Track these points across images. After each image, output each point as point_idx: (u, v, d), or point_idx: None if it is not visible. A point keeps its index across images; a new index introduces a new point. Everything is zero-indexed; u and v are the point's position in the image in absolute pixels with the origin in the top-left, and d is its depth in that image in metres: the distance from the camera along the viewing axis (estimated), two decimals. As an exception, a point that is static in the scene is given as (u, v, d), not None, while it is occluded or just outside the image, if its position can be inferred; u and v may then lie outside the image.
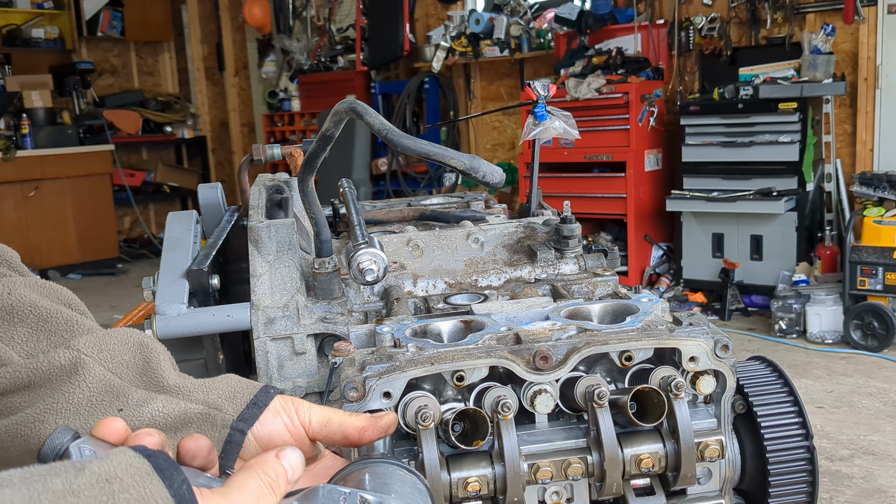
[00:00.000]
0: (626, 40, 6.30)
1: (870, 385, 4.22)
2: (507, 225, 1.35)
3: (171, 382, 0.72)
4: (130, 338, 0.73)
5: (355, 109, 1.03)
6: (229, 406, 0.71)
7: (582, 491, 0.95)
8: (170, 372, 0.72)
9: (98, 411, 0.69)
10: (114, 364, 0.71)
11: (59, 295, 0.79)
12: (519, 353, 0.93)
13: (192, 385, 0.72)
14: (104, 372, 0.70)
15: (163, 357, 0.73)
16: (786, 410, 1.02)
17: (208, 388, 0.72)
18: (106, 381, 0.69)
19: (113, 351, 0.71)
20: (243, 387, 0.72)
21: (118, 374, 0.70)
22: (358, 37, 8.05)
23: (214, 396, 0.71)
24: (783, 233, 5.36)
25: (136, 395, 0.70)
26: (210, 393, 0.71)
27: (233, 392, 0.71)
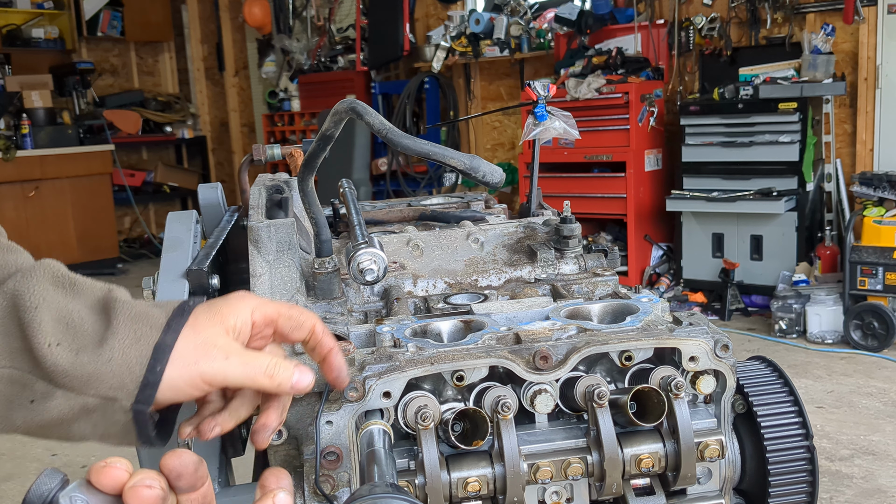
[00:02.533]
0: (626, 40, 6.30)
1: (870, 385, 4.22)
2: (507, 225, 1.35)
3: (55, 378, 0.69)
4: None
5: (355, 109, 1.03)
6: (121, 393, 0.69)
7: (582, 491, 0.95)
8: (52, 363, 0.68)
9: (13, 405, 0.69)
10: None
11: None
12: (519, 352, 0.93)
13: (79, 377, 0.69)
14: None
15: (41, 332, 0.69)
16: (786, 410, 1.02)
17: (98, 373, 0.69)
18: (5, 376, 0.69)
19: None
20: (131, 362, 0.69)
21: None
22: (358, 37, 8.04)
23: (105, 388, 0.69)
24: (783, 233, 5.36)
25: (40, 385, 0.69)
26: (101, 384, 0.69)
27: (121, 378, 0.69)
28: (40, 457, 3.91)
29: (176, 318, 0.72)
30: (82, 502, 0.50)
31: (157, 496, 0.51)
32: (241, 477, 1.51)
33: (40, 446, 4.00)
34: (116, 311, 0.71)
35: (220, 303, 0.76)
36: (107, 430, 0.72)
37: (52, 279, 0.72)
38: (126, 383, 0.69)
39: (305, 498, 0.91)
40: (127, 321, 0.71)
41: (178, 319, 0.72)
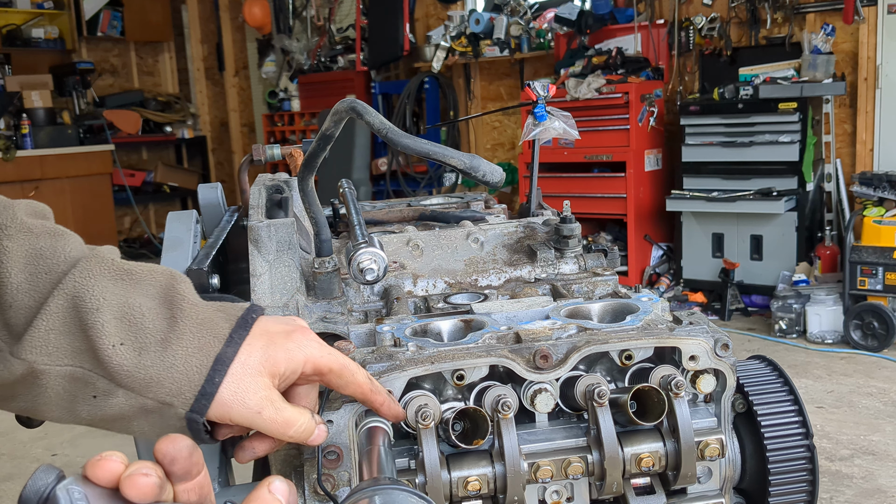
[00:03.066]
0: (626, 40, 6.30)
1: (870, 385, 4.22)
2: (507, 225, 1.35)
3: (118, 378, 0.71)
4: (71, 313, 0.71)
5: (355, 109, 1.03)
6: (178, 401, 0.71)
7: (582, 490, 0.95)
8: (115, 365, 0.70)
9: (77, 400, 0.71)
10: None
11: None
12: (519, 352, 0.93)
13: (141, 379, 0.71)
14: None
15: (104, 334, 0.70)
16: (786, 410, 1.02)
17: (159, 378, 0.71)
18: (69, 374, 0.71)
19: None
20: (192, 372, 0.71)
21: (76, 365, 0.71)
22: (358, 37, 8.04)
23: (164, 393, 0.71)
24: (783, 233, 5.36)
25: (102, 383, 0.71)
26: (161, 388, 0.71)
27: (179, 385, 0.71)
28: (40, 457, 3.91)
29: (238, 331, 0.74)
30: (79, 494, 0.50)
31: (153, 484, 0.51)
32: (241, 477, 1.51)
33: (40, 446, 4.00)
34: (183, 312, 0.73)
35: (279, 338, 0.76)
36: (163, 431, 0.73)
37: (110, 272, 0.73)
38: (184, 391, 0.71)
39: (306, 498, 0.91)
40: (193, 327, 0.72)
41: (240, 332, 0.74)
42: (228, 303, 0.78)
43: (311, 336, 0.78)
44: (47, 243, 0.73)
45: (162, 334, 0.71)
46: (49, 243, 0.73)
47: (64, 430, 4.13)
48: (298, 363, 0.76)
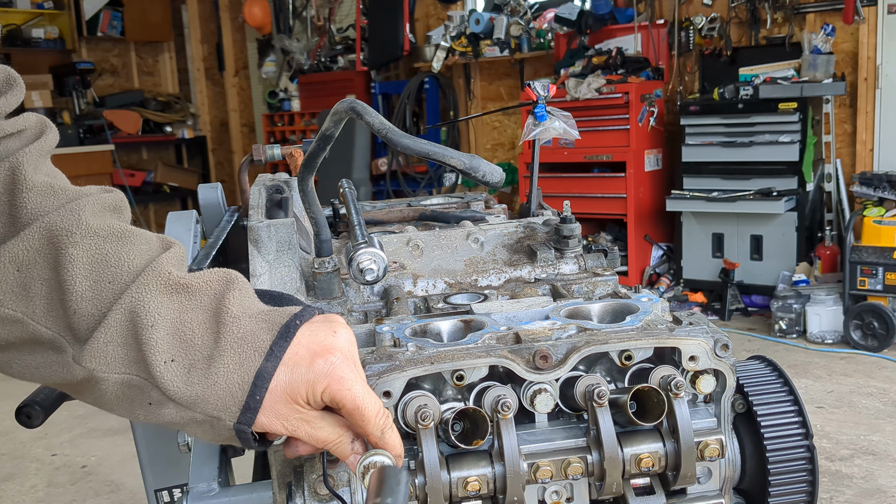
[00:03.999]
0: (626, 40, 6.30)
1: (870, 385, 4.22)
2: (507, 225, 1.35)
3: (168, 393, 0.74)
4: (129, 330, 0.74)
5: (355, 109, 1.03)
6: (225, 415, 0.74)
7: (582, 490, 0.95)
8: (166, 382, 0.73)
9: (134, 403, 0.75)
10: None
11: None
12: (519, 352, 0.93)
13: (189, 395, 0.74)
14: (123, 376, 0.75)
15: (159, 351, 0.73)
16: (786, 410, 1.02)
17: (205, 395, 0.74)
18: (126, 381, 0.74)
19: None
20: (234, 388, 0.74)
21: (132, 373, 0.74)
22: (358, 37, 8.04)
23: (211, 409, 0.74)
24: (783, 233, 5.36)
25: (155, 394, 0.74)
26: (207, 405, 0.74)
27: (224, 401, 0.74)
28: (40, 457, 3.91)
29: (279, 344, 0.75)
30: None
31: None
32: (241, 477, 1.51)
33: (40, 446, 4.00)
34: (226, 327, 0.74)
35: (303, 363, 0.76)
36: (215, 438, 0.77)
37: (166, 287, 0.75)
38: (229, 406, 0.74)
39: (305, 498, 0.91)
40: (233, 342, 0.74)
41: (281, 344, 0.75)
42: (277, 308, 0.78)
43: (336, 361, 0.76)
44: (113, 249, 0.75)
45: (208, 350, 0.74)
46: (114, 249, 0.75)
47: (64, 430, 4.12)
48: (317, 394, 0.76)
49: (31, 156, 0.78)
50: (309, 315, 0.78)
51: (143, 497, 1.68)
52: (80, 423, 4.17)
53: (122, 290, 0.74)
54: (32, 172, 0.76)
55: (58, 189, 0.77)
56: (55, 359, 0.74)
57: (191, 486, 1.20)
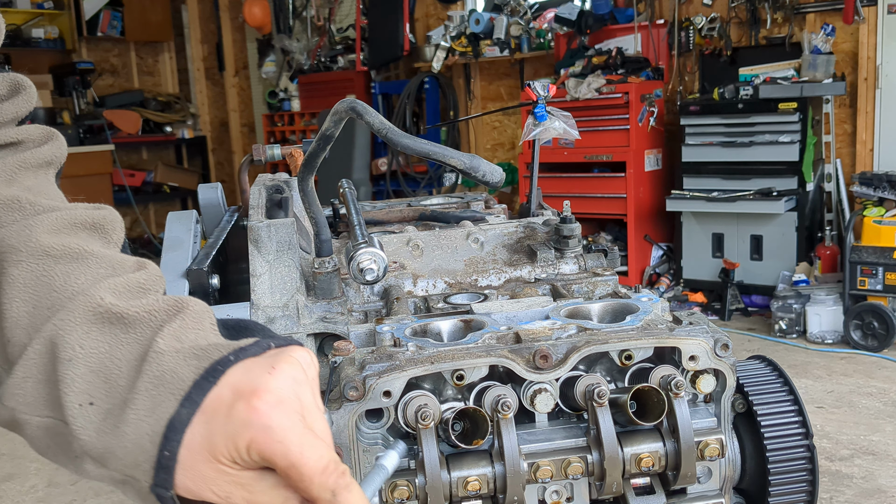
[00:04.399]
0: (626, 40, 6.30)
1: (870, 385, 4.22)
2: (507, 225, 1.35)
3: (80, 444, 0.61)
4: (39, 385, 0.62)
5: (355, 109, 1.04)
6: (138, 473, 0.59)
7: (582, 490, 0.95)
8: (78, 430, 0.60)
9: (65, 454, 0.63)
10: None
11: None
12: (519, 352, 0.93)
13: (99, 447, 0.60)
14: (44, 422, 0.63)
15: (74, 391, 0.60)
16: (786, 410, 1.02)
17: (113, 448, 0.59)
18: (47, 425, 0.63)
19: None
20: (143, 440, 0.58)
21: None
22: (358, 37, 8.05)
23: (122, 465, 0.60)
24: (783, 233, 5.36)
25: (75, 444, 0.62)
26: (117, 461, 0.60)
27: (135, 456, 0.59)
28: (40, 457, 3.91)
29: (200, 385, 0.58)
30: None
31: None
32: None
33: (40, 446, 4.00)
34: (147, 365, 0.60)
35: (221, 411, 0.57)
36: (139, 501, 0.62)
37: (94, 317, 0.62)
38: (140, 462, 0.58)
39: (305, 497, 0.91)
40: (149, 383, 0.59)
41: (202, 385, 0.58)
42: (223, 342, 0.62)
43: (261, 406, 0.56)
44: (62, 271, 0.64)
45: (127, 392, 0.59)
46: (63, 271, 0.64)
47: (64, 430, 4.13)
48: (240, 449, 0.56)
49: (9, 167, 0.70)
50: (257, 350, 0.60)
51: (144, 497, 1.68)
52: (80, 423, 4.17)
53: (49, 316, 0.62)
54: (3, 185, 0.68)
55: (25, 204, 0.68)
56: None
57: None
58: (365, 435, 0.92)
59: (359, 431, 0.91)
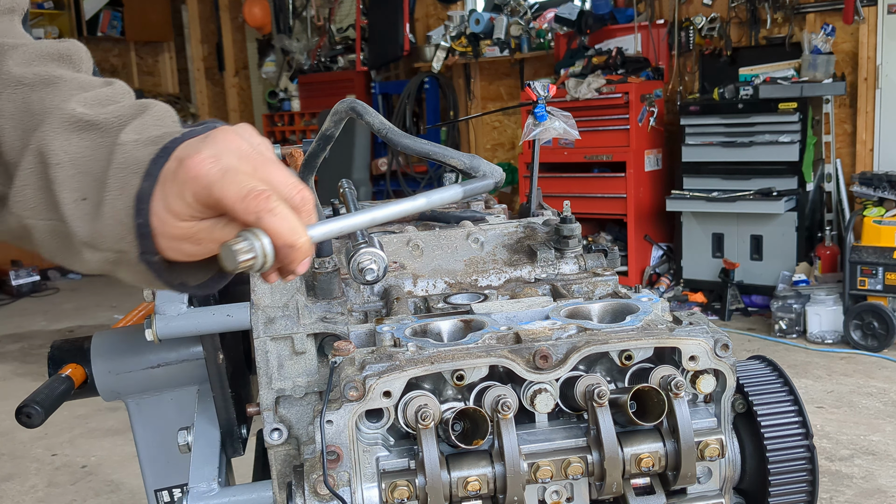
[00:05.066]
0: (626, 40, 6.30)
1: (870, 385, 4.22)
2: (507, 225, 1.35)
3: (77, 235, 0.70)
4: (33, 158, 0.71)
5: (355, 109, 1.03)
6: (126, 246, 0.69)
7: (582, 490, 0.95)
8: (73, 222, 0.70)
9: (68, 252, 0.72)
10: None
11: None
12: (519, 352, 0.93)
13: (92, 232, 0.69)
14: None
15: (66, 189, 0.69)
16: (786, 410, 1.02)
17: (101, 229, 0.69)
18: (51, 228, 0.72)
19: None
20: (121, 216, 0.68)
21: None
22: (358, 37, 8.05)
23: (112, 242, 0.69)
24: (783, 233, 5.36)
25: (74, 238, 0.71)
26: (107, 239, 0.69)
27: (119, 231, 0.69)
28: (40, 457, 3.91)
29: (156, 161, 0.68)
30: None
31: None
32: (241, 477, 1.51)
33: (40, 446, 4.00)
34: (114, 155, 0.69)
35: (170, 174, 0.67)
36: (139, 279, 0.72)
37: (71, 126, 0.71)
38: (124, 235, 0.68)
39: (306, 498, 0.91)
40: (117, 168, 0.69)
41: (158, 162, 0.68)
42: (172, 130, 0.71)
43: (199, 159, 0.66)
44: (38, 96, 0.73)
45: (101, 181, 0.69)
46: (39, 96, 0.73)
47: (64, 430, 4.12)
48: (189, 202, 0.66)
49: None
50: (203, 130, 0.70)
51: (143, 497, 1.68)
52: (80, 423, 4.17)
53: (33, 132, 0.72)
54: None
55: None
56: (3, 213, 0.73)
57: (191, 486, 1.20)
58: (365, 435, 0.92)
59: (359, 431, 0.91)
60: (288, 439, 1.05)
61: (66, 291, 7.72)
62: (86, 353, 1.43)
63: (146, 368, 1.44)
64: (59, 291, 7.74)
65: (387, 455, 0.93)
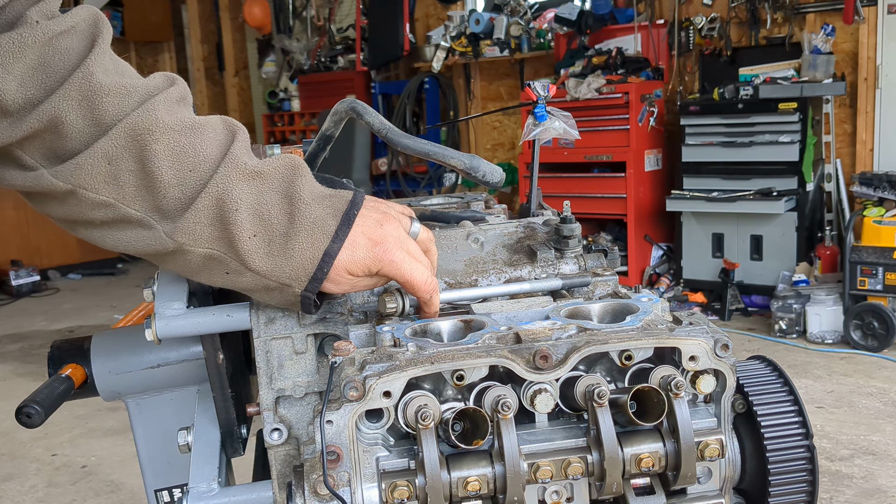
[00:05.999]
0: (626, 40, 6.30)
1: (870, 385, 4.22)
2: (507, 225, 1.34)
3: (248, 264, 0.91)
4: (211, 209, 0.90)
5: (355, 109, 1.04)
6: (295, 283, 0.93)
7: (582, 490, 0.95)
8: (248, 255, 0.91)
9: (213, 272, 0.94)
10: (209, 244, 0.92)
11: None
12: (519, 352, 0.93)
13: (268, 266, 0.91)
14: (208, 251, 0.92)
15: (243, 229, 0.89)
16: (786, 410, 1.02)
17: (282, 266, 0.92)
18: (209, 254, 0.92)
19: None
20: (306, 263, 0.92)
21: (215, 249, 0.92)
22: (358, 37, 8.04)
23: (284, 277, 0.92)
24: (783, 233, 5.37)
25: (234, 265, 0.92)
26: (282, 274, 0.92)
27: (297, 272, 0.92)
28: (40, 457, 3.91)
29: (342, 229, 0.93)
30: None
31: None
32: (241, 477, 1.51)
33: (40, 446, 4.00)
34: (299, 210, 0.91)
35: (365, 245, 0.95)
36: (281, 302, 0.97)
37: (243, 175, 0.90)
38: (300, 276, 0.92)
39: (306, 498, 0.91)
40: (307, 225, 0.91)
41: (343, 230, 0.93)
42: (336, 192, 0.96)
43: (389, 247, 0.96)
44: (188, 141, 0.89)
45: (284, 228, 0.91)
46: (189, 141, 0.89)
47: (64, 430, 4.13)
48: (372, 271, 0.96)
49: (97, 57, 0.86)
50: (361, 201, 0.97)
51: (143, 497, 1.68)
52: (80, 423, 4.17)
53: (206, 177, 0.89)
54: (103, 75, 0.86)
55: (130, 88, 0.88)
56: (145, 234, 0.90)
57: (191, 486, 1.20)
58: (365, 435, 0.92)
59: (359, 431, 0.91)
60: (288, 439, 1.05)
61: (66, 291, 7.72)
62: (86, 353, 1.43)
63: (146, 368, 1.44)
64: (59, 291, 7.74)
65: (387, 455, 0.93)
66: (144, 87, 0.89)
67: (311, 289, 0.93)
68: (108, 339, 1.47)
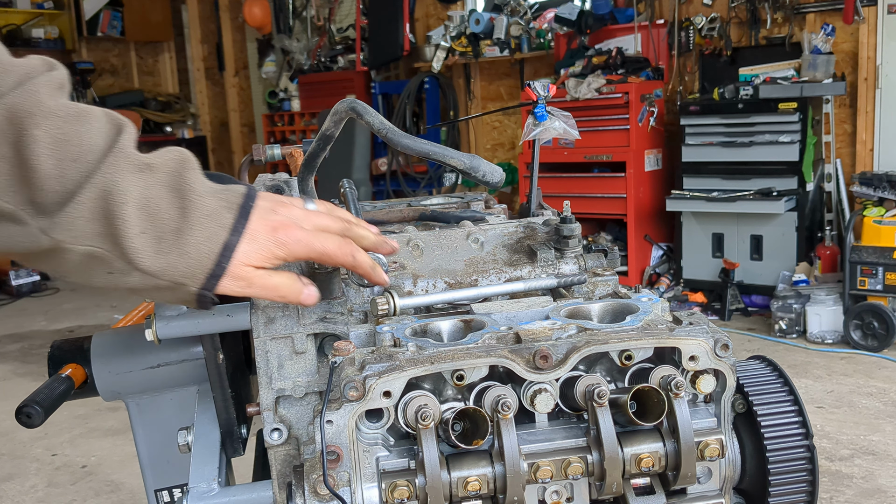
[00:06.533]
0: (626, 40, 6.30)
1: (870, 385, 4.22)
2: (507, 225, 1.34)
3: (136, 263, 0.82)
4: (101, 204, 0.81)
5: (355, 109, 1.04)
6: (190, 282, 0.84)
7: (582, 490, 0.95)
8: (136, 253, 0.81)
9: (93, 272, 0.84)
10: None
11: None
12: (519, 352, 0.93)
13: (158, 265, 0.82)
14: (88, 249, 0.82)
15: (131, 225, 0.80)
16: (786, 410, 1.02)
17: (174, 264, 0.83)
18: (89, 252, 0.82)
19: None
20: (203, 258, 0.83)
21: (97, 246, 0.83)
22: (358, 37, 8.04)
23: (177, 276, 0.83)
24: (783, 233, 5.37)
25: (119, 264, 0.82)
26: (175, 273, 0.83)
27: (192, 270, 0.84)
28: (40, 457, 3.91)
29: (240, 221, 0.86)
30: None
31: None
32: (241, 477, 1.51)
33: (40, 446, 4.00)
34: (192, 204, 0.84)
35: (265, 233, 0.88)
36: (173, 300, 0.88)
37: (132, 166, 0.83)
38: (195, 273, 0.84)
39: (306, 498, 0.91)
40: (202, 219, 0.84)
41: (242, 222, 0.86)
42: (228, 187, 0.89)
43: (292, 227, 0.90)
44: (73, 129, 0.80)
45: (176, 224, 0.83)
46: (74, 129, 0.80)
47: (64, 430, 4.13)
48: (276, 257, 0.89)
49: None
50: (254, 193, 0.90)
51: (143, 497, 1.68)
52: (80, 423, 4.17)
53: (91, 169, 0.80)
54: None
55: (7, 66, 0.80)
56: (15, 230, 0.80)
57: (191, 486, 1.20)
58: (365, 435, 0.92)
59: (359, 431, 0.91)
60: (288, 439, 1.05)
61: (66, 291, 7.72)
62: (86, 353, 1.43)
63: (146, 368, 1.44)
64: (59, 291, 7.74)
65: (387, 455, 0.93)
66: (23, 66, 0.81)
67: (208, 286, 0.85)
68: (108, 339, 1.47)
